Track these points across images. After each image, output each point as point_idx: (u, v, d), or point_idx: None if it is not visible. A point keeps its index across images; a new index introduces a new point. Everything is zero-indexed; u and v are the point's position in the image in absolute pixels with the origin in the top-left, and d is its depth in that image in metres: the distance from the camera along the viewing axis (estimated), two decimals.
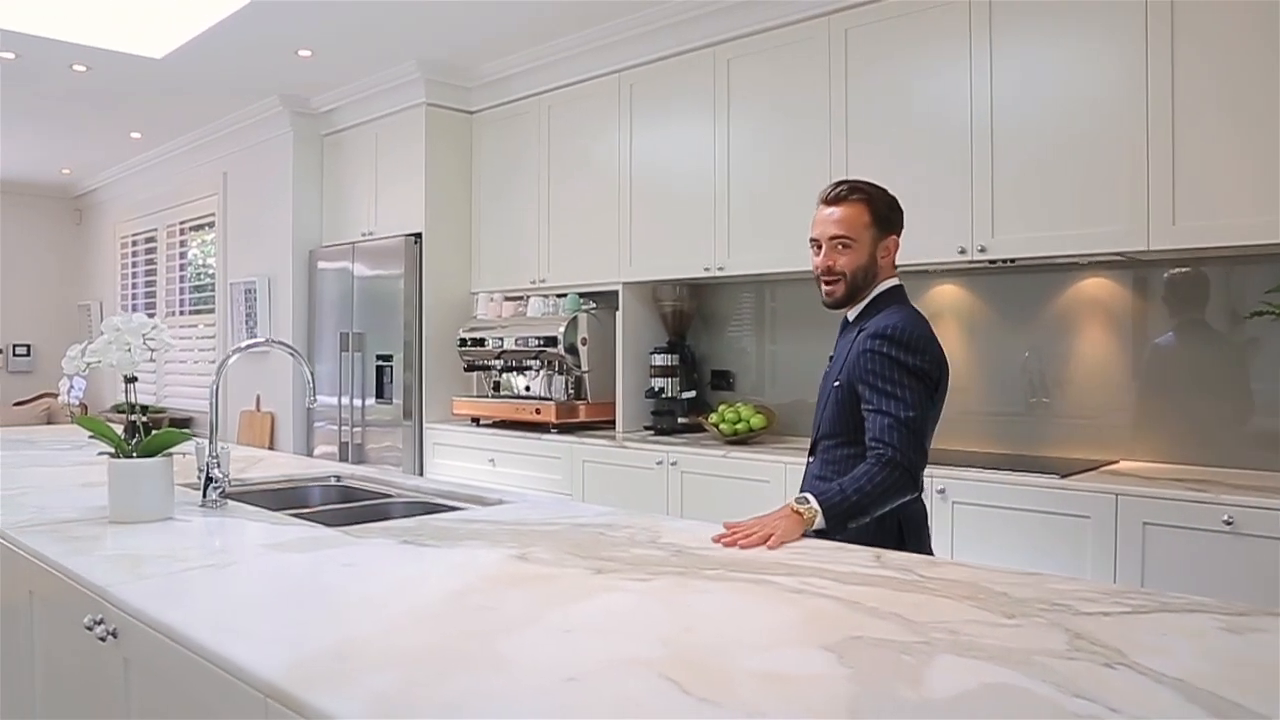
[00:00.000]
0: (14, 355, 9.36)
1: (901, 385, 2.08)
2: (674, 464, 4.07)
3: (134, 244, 8.64)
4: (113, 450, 2.22)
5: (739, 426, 4.18)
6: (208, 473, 2.41)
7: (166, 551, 1.86)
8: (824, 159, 3.92)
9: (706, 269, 4.34)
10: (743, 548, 1.89)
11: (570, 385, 4.82)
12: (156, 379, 8.03)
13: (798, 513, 1.99)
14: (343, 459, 5.74)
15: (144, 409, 2.31)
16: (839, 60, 3.89)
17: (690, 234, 4.42)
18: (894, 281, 2.25)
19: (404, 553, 1.86)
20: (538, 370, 4.94)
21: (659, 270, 4.59)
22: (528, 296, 5.15)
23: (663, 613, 1.48)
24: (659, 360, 4.66)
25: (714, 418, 4.28)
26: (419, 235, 5.43)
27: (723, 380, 4.79)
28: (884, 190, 2.25)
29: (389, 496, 2.82)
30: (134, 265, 8.68)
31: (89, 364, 2.22)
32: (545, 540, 1.96)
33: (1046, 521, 3.11)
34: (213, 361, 7.18)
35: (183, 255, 7.90)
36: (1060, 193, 3.32)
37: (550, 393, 4.87)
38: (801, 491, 2.16)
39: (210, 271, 7.69)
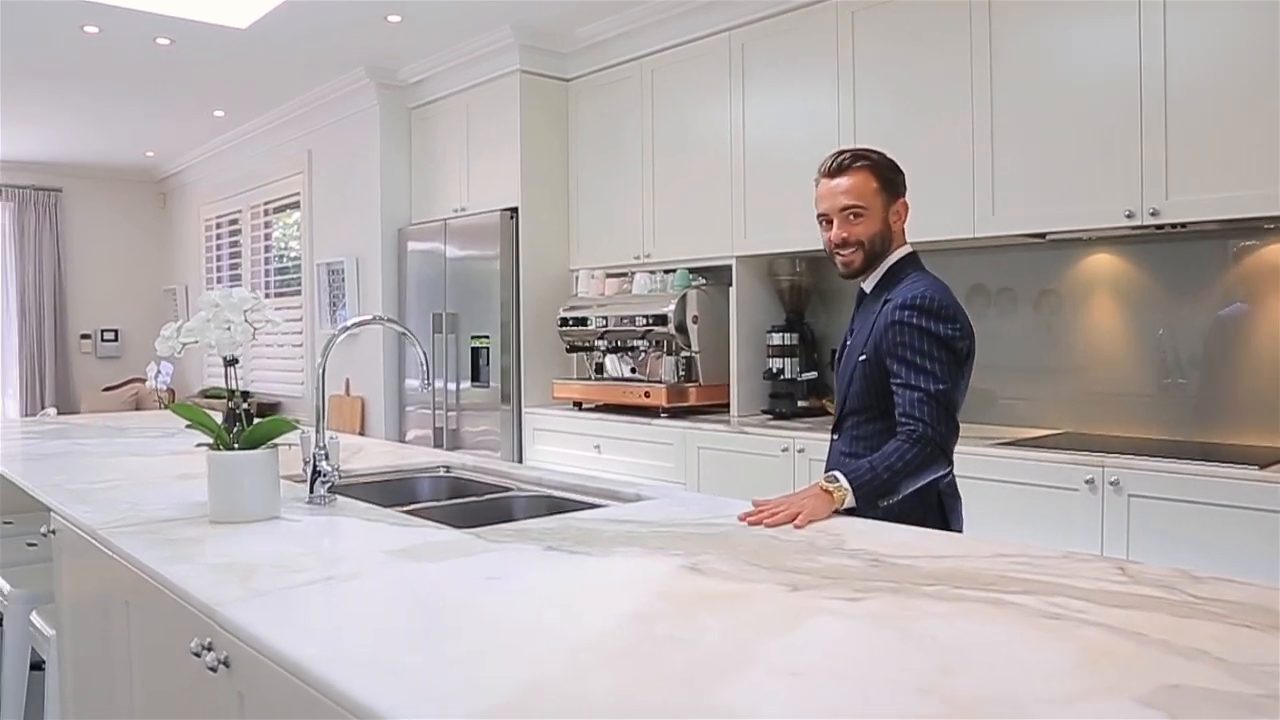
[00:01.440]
0: (102, 341, 9.36)
1: (931, 357, 2.01)
2: (801, 451, 3.73)
3: (218, 226, 8.55)
4: (212, 441, 1.97)
5: None
6: (314, 465, 2.15)
7: (278, 559, 1.59)
8: (963, 121, 3.54)
9: None
10: (768, 526, 1.81)
11: (680, 366, 4.50)
12: (244, 361, 7.91)
13: (827, 491, 1.92)
14: (437, 444, 5.52)
15: (245, 395, 2.06)
16: (981, 14, 3.50)
17: (812, 204, 4.05)
18: (907, 249, 2.20)
19: (553, 562, 1.57)
20: (645, 351, 4.63)
21: (777, 243, 4.24)
22: (632, 273, 4.85)
23: (901, 646, 1.16)
24: (777, 339, 4.32)
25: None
26: (515, 210, 5.15)
27: None
28: (884, 154, 2.19)
29: (508, 490, 2.53)
30: (218, 248, 8.59)
31: (184, 344, 1.97)
32: (712, 546, 1.65)
33: (1241, 518, 2.72)
34: (298, 345, 7.02)
35: (267, 237, 7.77)
36: (1244, 149, 2.90)
37: (660, 375, 4.57)
38: (828, 470, 2.08)
39: (295, 253, 7.54)
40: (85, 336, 9.27)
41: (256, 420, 2.00)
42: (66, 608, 2.18)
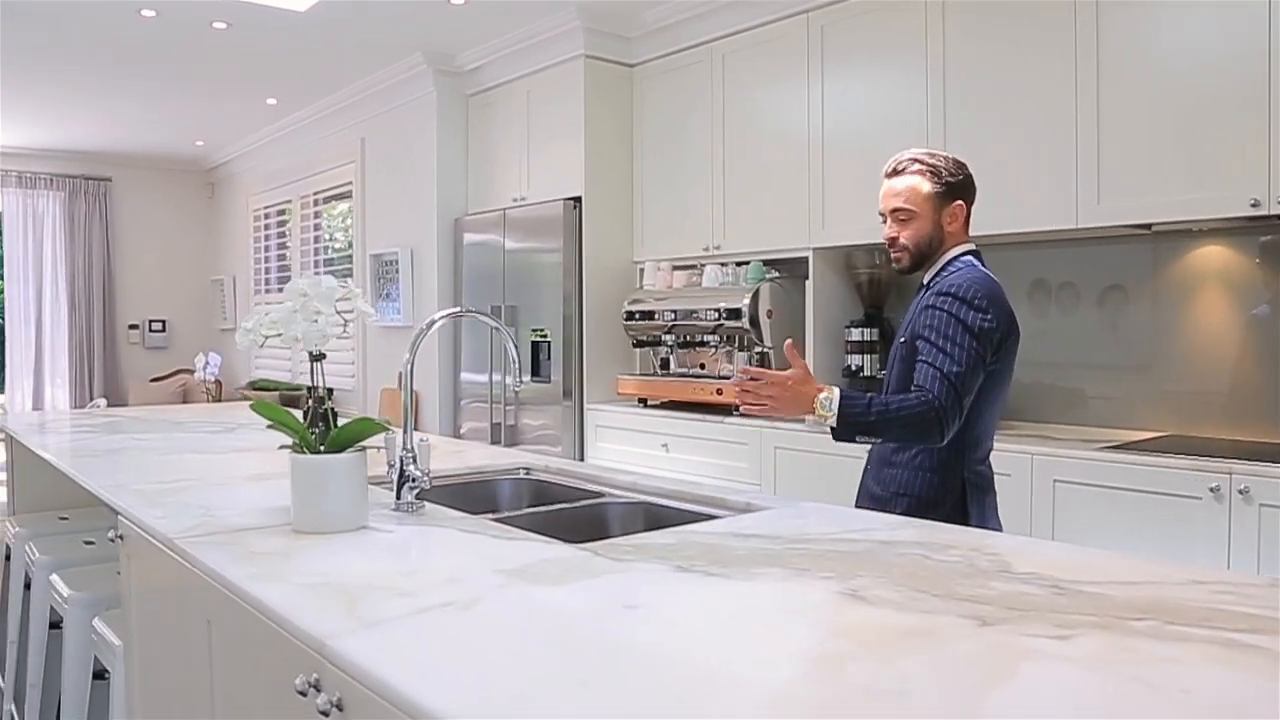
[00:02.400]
0: (150, 331, 9.31)
1: (955, 342, 2.04)
2: None
3: (265, 216, 8.46)
4: (296, 443, 1.81)
5: None
6: (401, 468, 1.98)
7: (382, 580, 1.42)
8: (1064, 108, 3.32)
9: None
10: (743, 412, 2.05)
11: (753, 363, 4.31)
12: (293, 354, 7.82)
13: (813, 402, 2.03)
14: (494, 440, 5.36)
15: (321, 393, 1.89)
16: None
17: None
18: (968, 247, 2.24)
19: (691, 586, 1.38)
20: (715, 346, 4.44)
21: (856, 234, 4.03)
22: (701, 265, 4.66)
23: (1154, 702, 0.97)
24: (855, 335, 4.12)
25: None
26: (578, 200, 4.98)
27: None
28: (946, 159, 2.23)
29: (600, 496, 2.35)
30: (265, 238, 8.49)
31: (267, 337, 1.80)
32: (861, 567, 1.46)
33: None
34: (347, 337, 6.89)
35: (316, 227, 7.65)
36: None
37: (732, 371, 4.37)
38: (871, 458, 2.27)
39: (340, 244, 7.42)
40: (133, 327, 9.23)
41: (342, 420, 1.84)
42: (136, 619, 2.03)
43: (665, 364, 4.75)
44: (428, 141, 5.87)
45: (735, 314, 4.24)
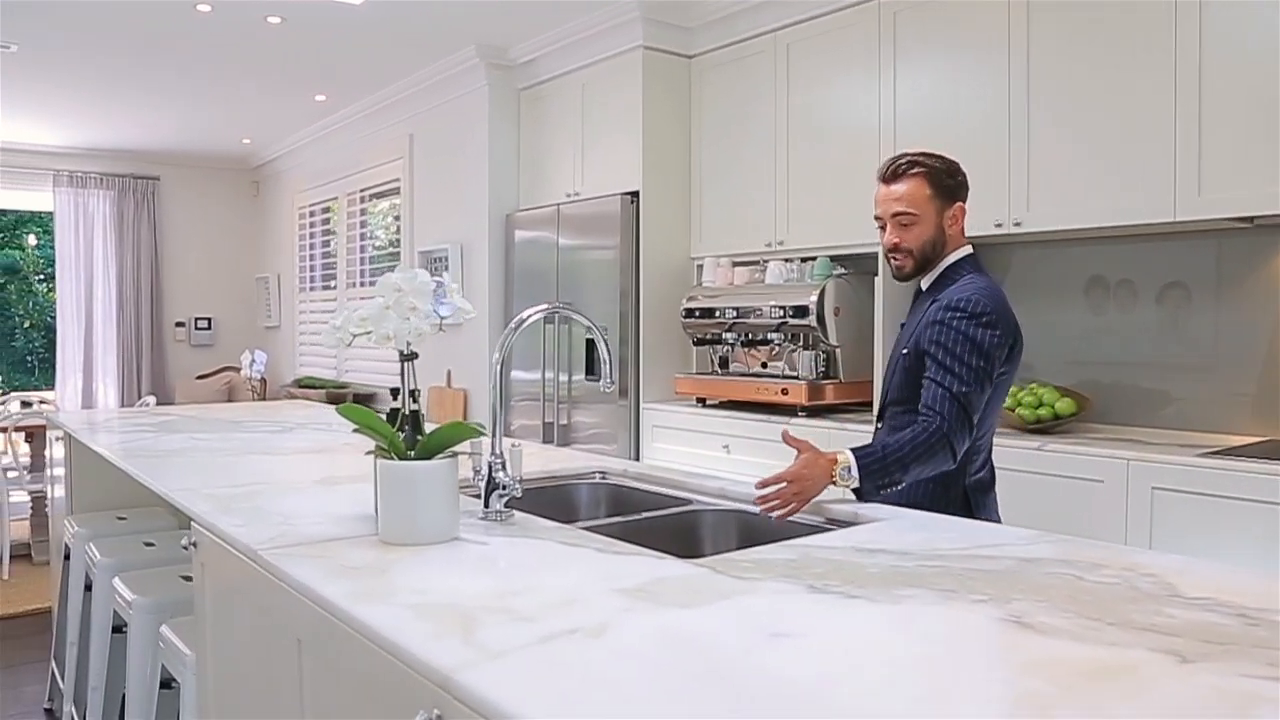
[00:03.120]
0: (196, 329, 9.31)
1: (962, 360, 2.03)
2: None
3: (311, 214, 8.41)
4: (385, 449, 1.70)
5: (1041, 412, 3.46)
6: (490, 475, 1.87)
7: (493, 600, 1.31)
8: (1163, 97, 3.15)
9: (998, 224, 3.62)
10: (778, 516, 1.95)
11: (819, 362, 4.17)
12: (338, 352, 7.77)
13: (831, 476, 1.98)
14: (546, 440, 5.26)
15: (413, 394, 1.79)
16: None
17: (973, 184, 3.69)
18: (966, 250, 2.21)
19: (834, 610, 1.26)
20: (779, 345, 4.31)
21: None
22: (763, 261, 4.53)
23: None
24: None
25: (1006, 401, 3.57)
26: (635, 195, 4.86)
27: None
28: (944, 159, 2.19)
29: (688, 503, 2.24)
30: (310, 236, 8.46)
31: (355, 334, 1.70)
32: (1012, 588, 1.34)
33: None
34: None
35: (363, 225, 7.59)
36: None
37: (796, 370, 4.24)
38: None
39: (381, 241, 7.36)
40: (180, 324, 9.23)
41: (433, 425, 1.73)
42: (211, 631, 1.94)
43: (724, 363, 4.62)
44: (479, 136, 5.78)
45: (801, 311, 4.10)
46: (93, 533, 3.26)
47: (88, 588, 3.11)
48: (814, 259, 4.30)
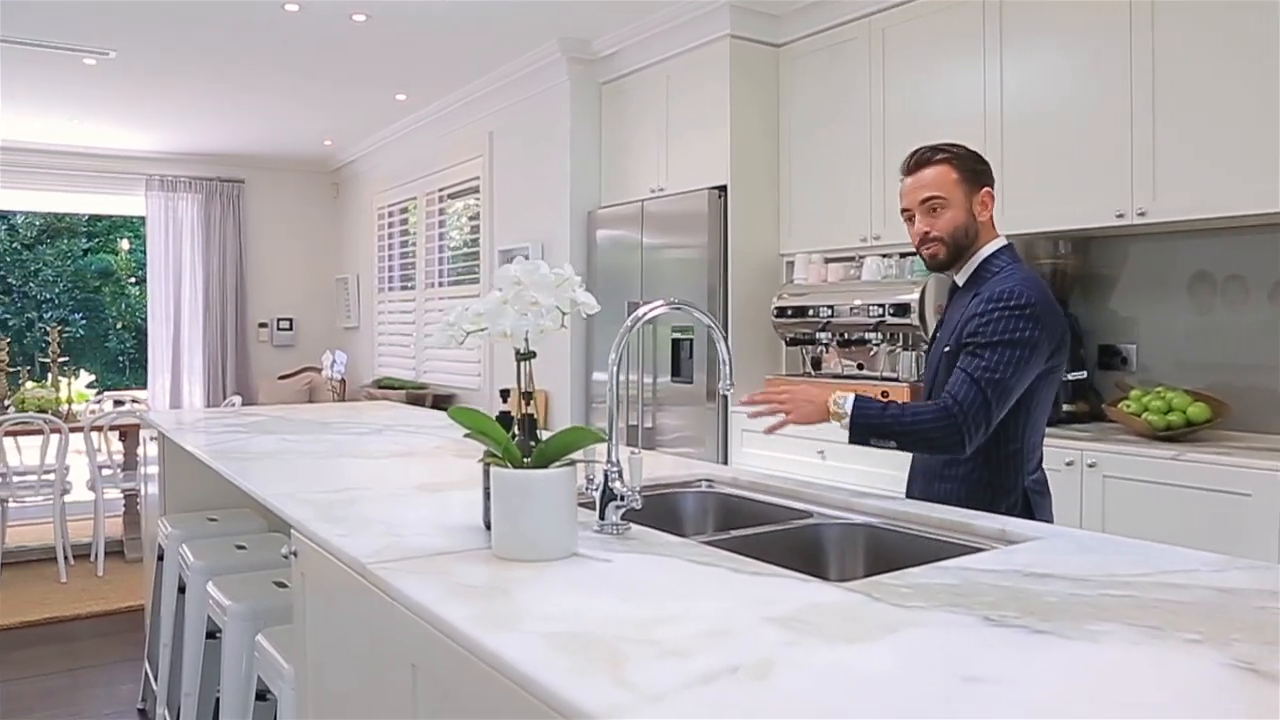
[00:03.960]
0: (278, 329, 9.40)
1: (994, 348, 1.98)
2: (1091, 465, 3.18)
3: (389, 215, 8.42)
4: (498, 456, 1.59)
5: (1171, 418, 3.24)
6: (606, 484, 1.75)
7: (634, 629, 1.18)
8: None
9: (1120, 215, 3.40)
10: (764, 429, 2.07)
11: (921, 363, 3.99)
12: (416, 352, 7.76)
13: (831, 412, 2.06)
14: (630, 442, 5.15)
15: (527, 396, 1.67)
16: None
17: (1091, 173, 3.50)
18: (1001, 242, 2.17)
19: (1025, 649, 1.11)
20: (876, 345, 4.14)
21: (1037, 221, 3.68)
22: (859, 257, 4.35)
23: None
24: None
25: (1129, 405, 3.36)
26: (723, 189, 4.72)
27: (1112, 358, 3.85)
28: (965, 147, 2.17)
29: (808, 516, 2.09)
30: (389, 236, 8.46)
31: (469, 332, 1.59)
32: (1227, 626, 1.17)
33: None
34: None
35: (441, 224, 7.56)
36: None
37: (896, 371, 4.06)
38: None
39: (456, 241, 7.32)
40: (262, 325, 9.34)
41: (546, 432, 1.62)
42: (312, 646, 1.85)
43: (817, 364, 4.46)
44: (560, 132, 5.69)
45: (902, 309, 3.92)
46: (185, 534, 3.23)
47: (181, 590, 3.07)
48: (913, 254, 4.11)
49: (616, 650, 1.10)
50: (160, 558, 3.44)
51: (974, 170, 2.14)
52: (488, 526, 1.73)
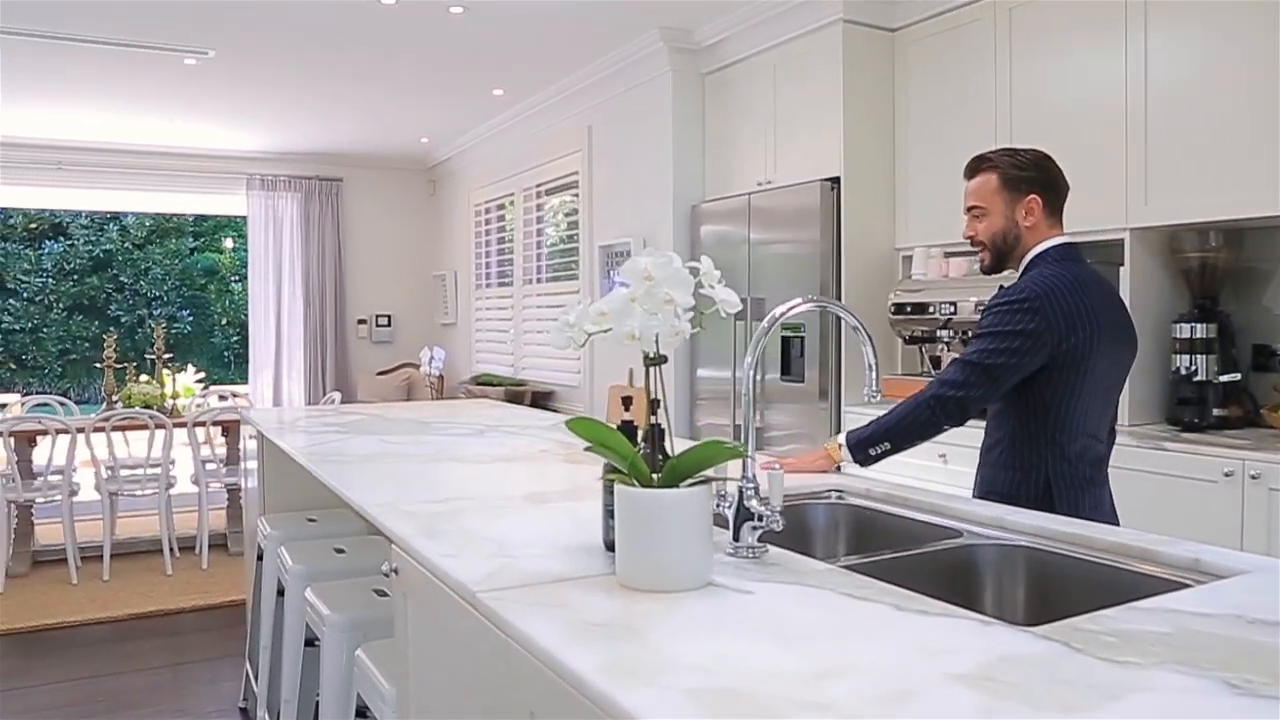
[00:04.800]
0: (376, 326, 9.45)
1: (984, 337, 2.07)
2: (1254, 477, 2.89)
3: (486, 211, 8.37)
4: (623, 472, 1.43)
5: None
6: (741, 502, 1.58)
7: (795, 687, 1.00)
8: None
9: None
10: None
11: None
12: (514, 349, 7.68)
13: (828, 451, 2.25)
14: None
15: (655, 403, 1.51)
16: None
17: (1245, 159, 3.19)
18: (1051, 242, 2.17)
19: None
20: None
21: (1186, 211, 3.38)
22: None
23: None
24: (1186, 331, 3.46)
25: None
26: (836, 181, 4.50)
27: (1269, 359, 3.52)
28: (1018, 154, 2.20)
29: (958, 535, 1.88)
30: (486, 233, 8.41)
31: (590, 333, 1.43)
32: None
33: None
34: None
35: (539, 220, 7.47)
36: None
37: None
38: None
39: (552, 238, 7.21)
40: (361, 322, 9.40)
41: (677, 446, 1.45)
42: (416, 671, 1.71)
43: (937, 363, 4.21)
44: (661, 125, 5.52)
45: None
46: (284, 535, 3.16)
47: (280, 593, 3.00)
48: None
49: (781, 716, 0.92)
50: (260, 557, 3.38)
51: (1015, 178, 2.17)
52: (608, 548, 1.57)
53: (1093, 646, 1.12)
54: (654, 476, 1.43)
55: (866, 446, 2.15)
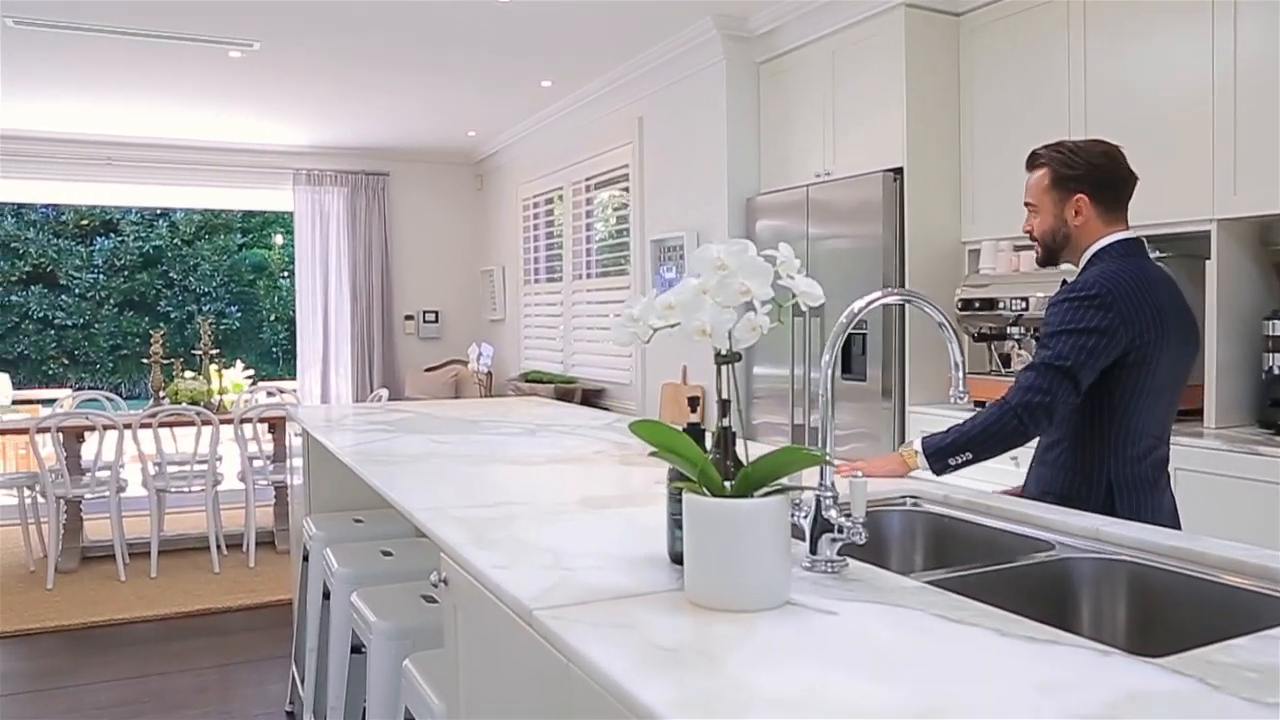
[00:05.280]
0: (424, 322, 9.41)
1: (1058, 336, 2.00)
2: None
3: (534, 206, 8.29)
4: (692, 480, 1.30)
5: None
6: (818, 511, 1.45)
7: None
8: None
9: None
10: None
11: None
12: (563, 345, 7.59)
13: (904, 459, 2.13)
14: (794, 442, 4.80)
15: (724, 405, 1.38)
16: None
17: None
18: (1113, 237, 2.12)
19: None
20: None
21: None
22: None
23: None
24: (1278, 329, 3.27)
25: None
26: (898, 171, 4.33)
27: None
28: (1071, 150, 2.14)
29: (1050, 548, 1.73)
30: (534, 227, 8.33)
31: (656, 329, 1.30)
32: None
33: None
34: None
35: (588, 214, 7.36)
36: None
37: None
38: None
39: (600, 233, 7.09)
40: (408, 317, 9.36)
41: (752, 452, 1.32)
42: (467, 689, 1.61)
43: (1007, 360, 4.03)
44: (715, 115, 5.38)
45: None
46: (330, 536, 3.08)
47: (325, 595, 2.91)
48: None
49: None
50: (305, 558, 3.30)
51: (1065, 177, 2.12)
52: (674, 561, 1.45)
53: (1233, 683, 0.98)
54: (726, 485, 1.30)
55: (946, 456, 2.06)
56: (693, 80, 5.59)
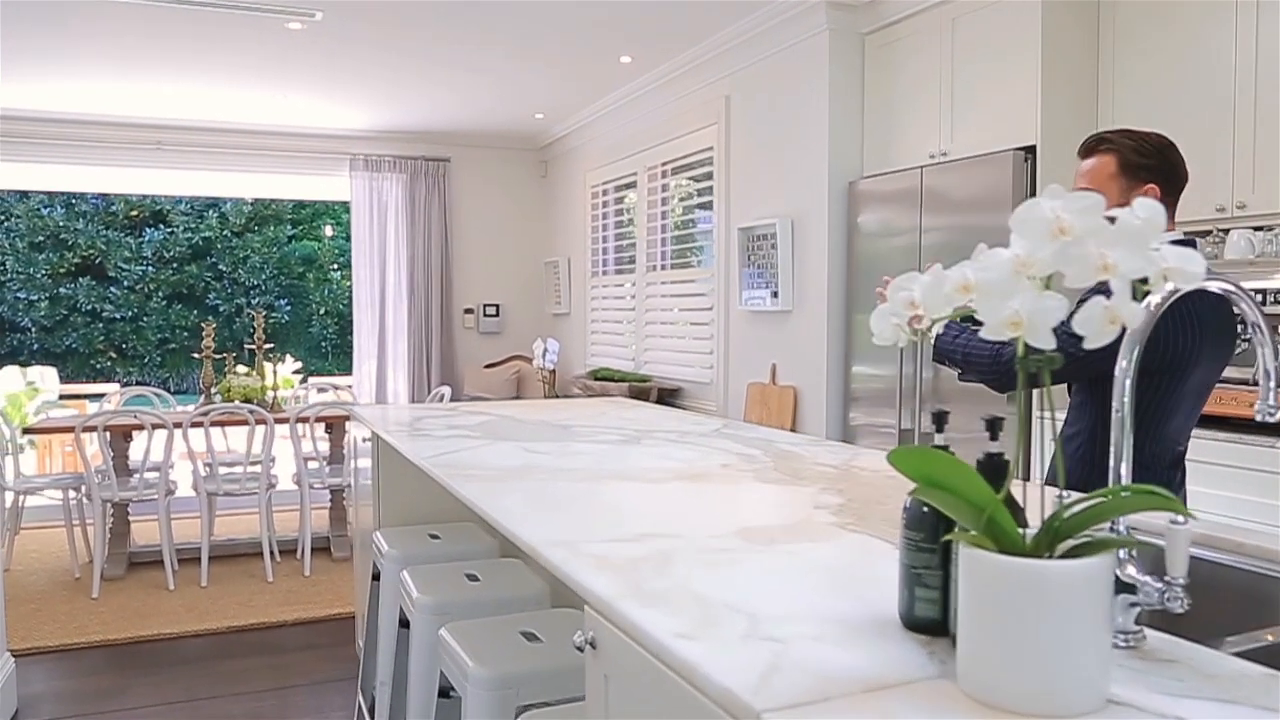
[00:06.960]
0: (484, 316, 9.07)
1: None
2: None
3: (604, 193, 7.90)
4: (974, 534, 0.91)
5: None
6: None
7: None
8: None
9: None
10: None
11: None
12: (634, 340, 7.21)
13: None
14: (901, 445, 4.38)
15: (998, 424, 0.99)
16: None
17: None
18: (1170, 238, 1.70)
19: None
20: (1246, 338, 3.23)
21: None
22: (1216, 230, 3.46)
23: None
24: None
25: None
26: (1030, 150, 3.89)
27: None
28: (1140, 139, 2.03)
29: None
30: (604, 217, 7.94)
31: (936, 320, 0.92)
32: None
33: None
34: (705, 323, 6.11)
35: (664, 201, 6.96)
36: None
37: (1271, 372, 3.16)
38: None
39: (685, 219, 6.69)
40: (468, 311, 9.01)
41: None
42: None
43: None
44: (814, 92, 4.96)
45: None
46: (405, 555, 2.73)
47: (403, 624, 2.55)
48: None
49: None
50: (375, 576, 2.96)
51: (1135, 164, 2.02)
52: (909, 627, 1.07)
53: None
54: (1023, 536, 0.91)
55: (940, 356, 2.21)
56: (789, 54, 5.16)
